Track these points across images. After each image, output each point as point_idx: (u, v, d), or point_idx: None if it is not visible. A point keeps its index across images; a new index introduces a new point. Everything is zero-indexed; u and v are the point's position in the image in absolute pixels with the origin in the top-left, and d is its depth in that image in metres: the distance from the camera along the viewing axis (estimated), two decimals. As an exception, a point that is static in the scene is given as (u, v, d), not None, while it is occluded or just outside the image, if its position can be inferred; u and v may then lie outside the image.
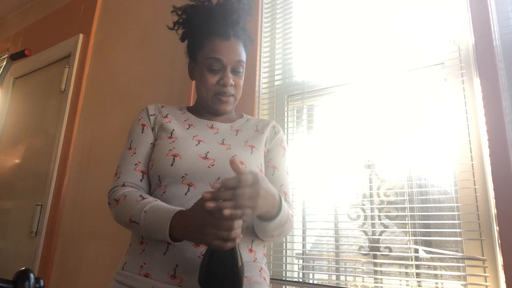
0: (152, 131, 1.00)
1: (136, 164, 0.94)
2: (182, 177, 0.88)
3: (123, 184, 0.92)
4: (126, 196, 0.87)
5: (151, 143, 0.98)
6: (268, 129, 1.06)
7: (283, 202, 0.82)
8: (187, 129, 0.99)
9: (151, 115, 1.02)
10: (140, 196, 0.87)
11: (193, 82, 1.57)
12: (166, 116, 1.02)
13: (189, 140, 0.95)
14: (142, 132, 0.99)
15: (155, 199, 0.86)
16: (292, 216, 0.92)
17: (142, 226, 0.81)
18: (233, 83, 0.99)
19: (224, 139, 0.98)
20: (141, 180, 0.93)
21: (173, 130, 0.97)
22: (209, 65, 0.97)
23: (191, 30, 1.03)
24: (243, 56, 1.01)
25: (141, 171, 0.94)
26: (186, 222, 0.75)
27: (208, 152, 0.92)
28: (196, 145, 0.94)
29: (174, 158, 0.89)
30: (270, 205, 0.76)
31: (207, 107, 1.04)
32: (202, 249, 0.81)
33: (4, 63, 2.06)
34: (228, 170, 0.88)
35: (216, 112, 1.03)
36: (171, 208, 0.81)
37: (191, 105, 1.15)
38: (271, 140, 1.05)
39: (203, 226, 0.71)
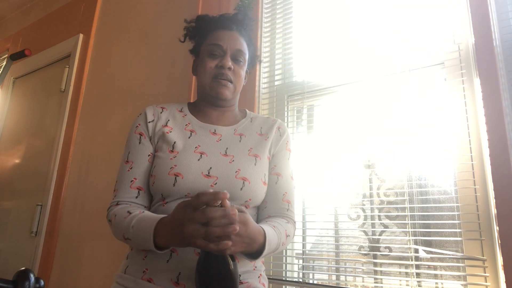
0: (150, 140, 0.97)
1: (132, 181, 0.93)
2: (186, 195, 0.88)
3: (117, 203, 0.92)
4: (116, 215, 0.88)
5: (149, 154, 0.96)
6: (273, 132, 1.03)
7: (268, 244, 0.80)
8: (189, 137, 0.96)
9: (150, 121, 0.98)
10: (127, 212, 0.86)
11: (193, 81, 1.58)
12: (166, 125, 0.98)
13: (191, 154, 0.92)
14: (140, 143, 0.96)
15: (142, 211, 0.87)
16: (288, 236, 0.92)
17: (133, 241, 0.83)
18: (232, 68, 0.98)
19: (227, 148, 0.95)
20: (136, 197, 0.92)
21: (175, 142, 0.94)
22: (209, 51, 0.99)
23: (198, 32, 1.07)
24: (244, 48, 1.02)
25: (137, 188, 0.93)
26: (167, 229, 0.76)
27: (210, 168, 0.90)
28: (198, 159, 0.91)
29: (176, 178, 0.87)
30: (246, 247, 0.77)
31: (207, 97, 1.02)
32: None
33: (4, 63, 2.06)
34: (231, 187, 0.88)
35: (215, 98, 1.00)
36: (153, 218, 0.81)
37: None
38: (276, 144, 1.02)
39: (182, 226, 0.71)
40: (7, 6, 3.18)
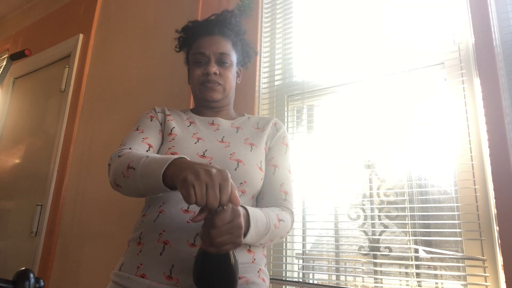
0: (161, 125, 1.03)
1: (143, 138, 0.95)
2: None
3: (130, 148, 0.91)
4: (131, 152, 0.86)
5: (160, 131, 1.01)
6: (269, 126, 1.06)
7: (253, 219, 0.79)
8: (188, 126, 1.02)
9: (158, 112, 1.06)
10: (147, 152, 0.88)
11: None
12: (168, 115, 1.05)
13: (188, 138, 0.97)
14: (151, 121, 1.02)
15: None
16: (281, 221, 0.88)
17: (138, 170, 0.77)
18: (218, 72, 1.02)
19: (224, 137, 0.99)
20: (147, 151, 0.93)
21: (173, 127, 1.00)
22: (195, 60, 1.05)
23: (186, 43, 1.13)
24: (227, 49, 1.05)
25: (148, 144, 0.95)
26: (187, 163, 0.71)
27: (206, 150, 0.93)
28: (195, 143, 0.95)
29: None
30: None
31: (200, 102, 1.08)
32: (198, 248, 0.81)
33: (4, 63, 2.06)
34: (225, 167, 0.86)
35: (206, 101, 1.05)
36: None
37: (191, 106, 1.17)
38: (273, 137, 1.04)
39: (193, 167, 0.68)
40: (7, 6, 3.18)
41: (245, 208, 0.79)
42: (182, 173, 0.68)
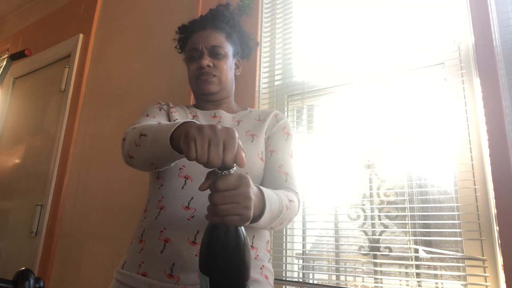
0: (167, 115, 1.04)
1: (157, 121, 0.96)
2: (180, 169, 0.89)
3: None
4: (146, 123, 0.84)
5: (168, 120, 1.02)
6: (270, 117, 1.05)
7: (267, 202, 0.73)
8: (191, 119, 1.02)
9: (163, 104, 1.08)
10: None
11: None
12: (172, 107, 1.07)
13: None
14: (160, 110, 1.03)
15: None
16: (291, 201, 0.84)
17: (149, 136, 0.75)
18: (211, 64, 1.03)
19: None
20: None
21: (176, 119, 1.00)
22: (190, 57, 1.06)
23: (183, 42, 1.14)
24: (220, 41, 1.05)
25: None
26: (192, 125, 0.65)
27: None
28: None
29: None
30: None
31: (198, 97, 1.08)
32: (199, 247, 0.81)
33: (4, 63, 2.06)
34: None
35: (203, 95, 1.05)
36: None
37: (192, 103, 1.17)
38: (272, 127, 1.03)
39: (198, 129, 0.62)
40: (7, 6, 3.18)
41: (258, 187, 0.72)
42: (186, 129, 0.63)
